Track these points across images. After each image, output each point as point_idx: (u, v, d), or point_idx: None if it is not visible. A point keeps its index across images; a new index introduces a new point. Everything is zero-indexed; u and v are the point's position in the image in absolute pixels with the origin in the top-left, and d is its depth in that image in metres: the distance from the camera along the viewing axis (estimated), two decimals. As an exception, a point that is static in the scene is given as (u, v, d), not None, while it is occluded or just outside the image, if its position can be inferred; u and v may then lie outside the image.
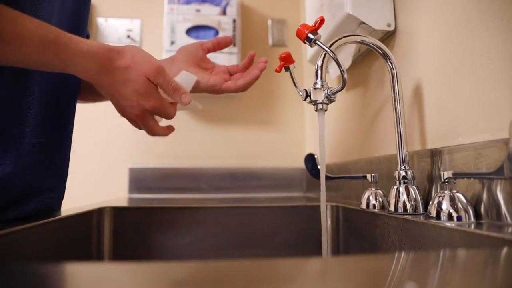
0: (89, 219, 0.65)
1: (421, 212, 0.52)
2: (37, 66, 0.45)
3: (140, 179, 1.23)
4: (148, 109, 0.51)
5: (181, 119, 1.29)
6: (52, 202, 0.58)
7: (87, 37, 0.76)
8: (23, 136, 0.50)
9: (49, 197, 0.57)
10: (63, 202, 0.66)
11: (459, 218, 0.43)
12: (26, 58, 0.43)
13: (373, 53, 0.79)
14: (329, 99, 0.54)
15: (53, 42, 0.44)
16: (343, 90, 0.53)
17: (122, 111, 0.53)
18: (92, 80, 0.49)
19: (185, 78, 0.57)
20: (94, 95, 0.70)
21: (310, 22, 0.51)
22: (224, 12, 1.26)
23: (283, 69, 0.62)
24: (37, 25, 0.43)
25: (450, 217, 0.43)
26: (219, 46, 0.67)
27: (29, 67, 0.46)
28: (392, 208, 0.54)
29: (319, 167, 0.70)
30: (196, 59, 0.65)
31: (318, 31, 0.51)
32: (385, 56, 0.58)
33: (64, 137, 0.61)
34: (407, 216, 0.50)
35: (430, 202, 0.46)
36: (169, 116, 0.54)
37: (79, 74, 0.48)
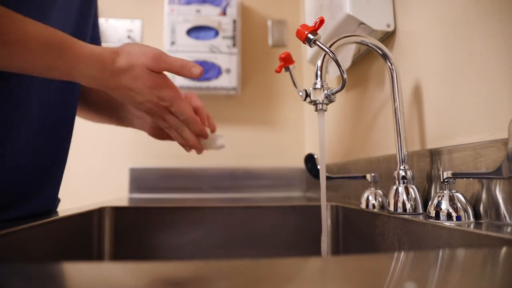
0: (90, 219, 0.65)
1: (421, 212, 0.52)
2: (41, 71, 0.45)
3: (140, 179, 1.23)
4: (164, 104, 0.53)
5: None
6: (45, 205, 0.57)
7: (98, 43, 0.77)
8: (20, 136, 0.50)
9: (43, 200, 0.56)
10: (64, 202, 0.66)
11: (458, 218, 0.43)
12: (31, 62, 0.43)
13: (372, 54, 0.79)
14: (329, 99, 0.54)
15: (57, 45, 0.43)
16: (343, 90, 0.53)
17: (144, 109, 0.54)
18: (99, 85, 0.49)
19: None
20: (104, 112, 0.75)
21: (310, 22, 0.51)
22: (224, 13, 1.26)
23: (283, 69, 0.62)
24: (42, 28, 0.43)
25: (449, 216, 0.43)
26: None
27: (34, 74, 0.45)
28: (391, 208, 0.54)
29: (318, 167, 0.70)
30: None
31: (318, 32, 0.51)
32: (385, 57, 0.58)
33: (63, 144, 0.61)
34: (407, 216, 0.50)
35: (430, 202, 0.46)
36: (184, 112, 0.56)
37: (84, 79, 0.48)
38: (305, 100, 0.55)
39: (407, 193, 0.53)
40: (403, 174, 0.54)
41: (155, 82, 0.51)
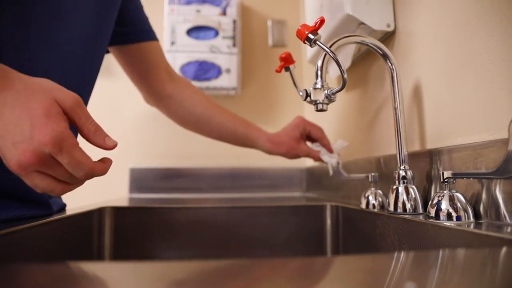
0: (90, 219, 0.65)
1: (421, 212, 0.52)
2: None
3: (140, 179, 1.23)
4: (49, 143, 0.33)
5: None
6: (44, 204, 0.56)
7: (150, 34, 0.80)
8: None
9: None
10: (64, 202, 0.66)
11: (458, 218, 0.43)
12: None
13: (372, 54, 0.79)
14: (329, 99, 0.54)
15: None
16: (343, 90, 0.53)
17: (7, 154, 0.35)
18: None
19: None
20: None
21: (310, 22, 0.51)
22: (224, 13, 1.26)
23: (283, 69, 0.62)
24: None
25: (449, 217, 0.43)
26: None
27: None
28: (391, 208, 0.54)
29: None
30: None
31: (318, 32, 0.51)
32: (385, 57, 0.58)
33: None
34: (407, 216, 0.50)
35: (430, 202, 0.46)
36: (81, 167, 0.36)
37: None
38: (305, 100, 0.55)
39: (407, 193, 0.53)
40: (403, 174, 0.54)
41: (49, 112, 0.35)
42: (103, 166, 0.40)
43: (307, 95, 0.54)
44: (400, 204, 0.53)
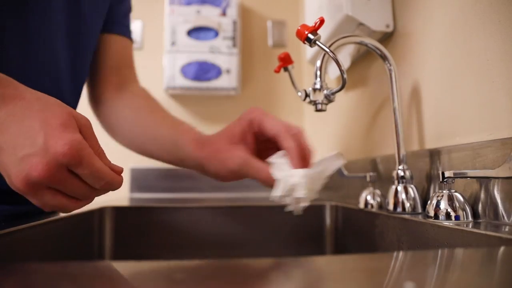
0: (90, 219, 0.65)
1: (420, 211, 0.52)
2: None
3: (141, 179, 1.23)
4: (68, 154, 0.30)
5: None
6: None
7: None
8: None
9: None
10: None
11: (457, 218, 0.43)
12: None
13: (371, 54, 0.79)
14: (329, 99, 0.54)
15: None
16: (342, 90, 0.53)
17: (12, 169, 0.31)
18: None
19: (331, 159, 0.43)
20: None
21: (310, 23, 0.51)
22: (224, 13, 1.26)
23: (282, 69, 0.62)
24: None
25: (448, 216, 0.44)
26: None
27: None
28: (390, 208, 0.54)
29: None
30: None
31: (318, 32, 0.51)
32: (384, 57, 0.58)
33: None
34: (406, 215, 0.50)
35: (429, 202, 0.46)
36: (102, 177, 0.34)
37: None
38: (304, 100, 0.55)
39: (406, 192, 0.53)
40: (402, 174, 0.54)
41: (65, 122, 0.32)
42: (119, 177, 0.37)
43: (306, 95, 0.55)
44: (399, 204, 0.53)
